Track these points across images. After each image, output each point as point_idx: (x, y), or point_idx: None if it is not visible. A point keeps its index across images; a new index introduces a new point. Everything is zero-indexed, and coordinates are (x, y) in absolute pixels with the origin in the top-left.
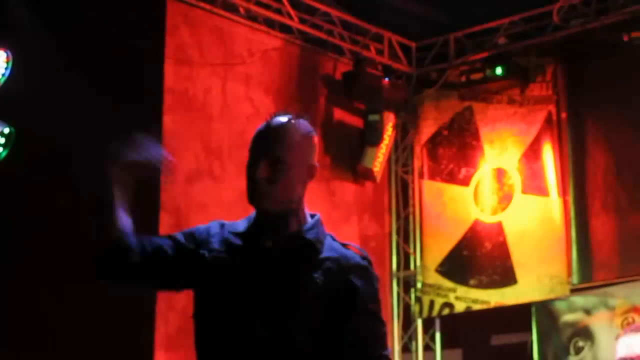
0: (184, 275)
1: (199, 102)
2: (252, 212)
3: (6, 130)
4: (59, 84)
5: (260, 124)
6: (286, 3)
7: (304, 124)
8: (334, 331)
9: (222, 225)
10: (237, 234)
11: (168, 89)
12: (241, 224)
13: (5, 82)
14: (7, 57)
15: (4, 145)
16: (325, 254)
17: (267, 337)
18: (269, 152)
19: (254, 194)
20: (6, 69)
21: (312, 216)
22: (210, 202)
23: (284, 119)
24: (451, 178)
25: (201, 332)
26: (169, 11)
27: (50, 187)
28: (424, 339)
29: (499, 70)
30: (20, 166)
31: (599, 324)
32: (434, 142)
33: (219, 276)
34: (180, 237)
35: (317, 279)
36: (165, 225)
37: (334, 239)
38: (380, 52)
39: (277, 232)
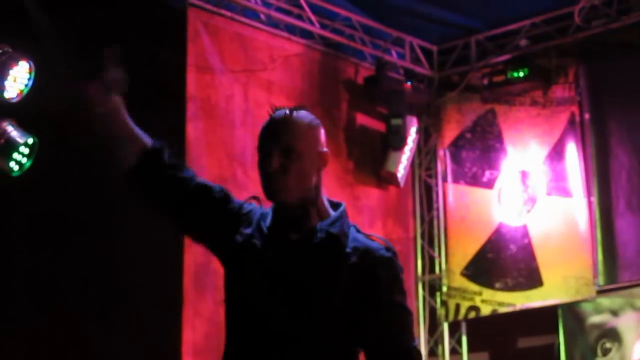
0: (207, 226)
1: (222, 109)
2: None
3: (30, 141)
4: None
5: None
6: (307, 9)
7: (306, 114)
8: (360, 324)
9: (259, 214)
10: (266, 227)
11: (190, 96)
12: (269, 216)
13: (28, 92)
14: (30, 67)
15: (28, 156)
16: (350, 247)
17: (292, 330)
18: (279, 143)
19: (270, 187)
20: (29, 79)
21: (335, 205)
22: None
23: (286, 111)
24: (475, 181)
25: (230, 320)
26: (190, 19)
27: (74, 196)
28: (450, 342)
29: (521, 72)
30: (43, 176)
31: (626, 325)
32: (457, 145)
33: (247, 265)
34: (226, 194)
35: (344, 273)
36: None
37: (358, 230)
38: (401, 56)
39: (300, 224)
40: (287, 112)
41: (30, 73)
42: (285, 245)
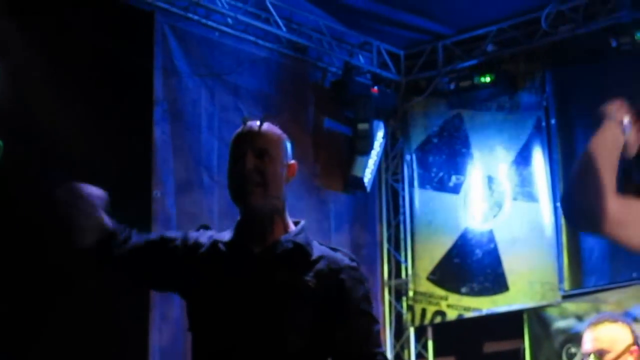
0: (170, 277)
1: (188, 113)
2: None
3: None
4: (48, 97)
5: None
6: (274, 13)
7: (275, 126)
8: (326, 331)
9: (209, 235)
10: (224, 243)
11: (157, 99)
12: (227, 234)
13: None
14: None
15: None
16: (315, 255)
17: (260, 341)
18: (253, 147)
19: (244, 188)
20: None
21: (296, 224)
22: (201, 212)
23: (257, 121)
24: (441, 186)
25: (198, 341)
26: (157, 22)
27: (39, 200)
28: (416, 347)
29: (487, 78)
30: (7, 179)
31: None
32: (423, 150)
33: (209, 285)
34: (171, 238)
35: (309, 281)
36: None
37: (321, 244)
38: (369, 60)
39: (264, 236)
40: (258, 121)
41: None
42: (247, 259)
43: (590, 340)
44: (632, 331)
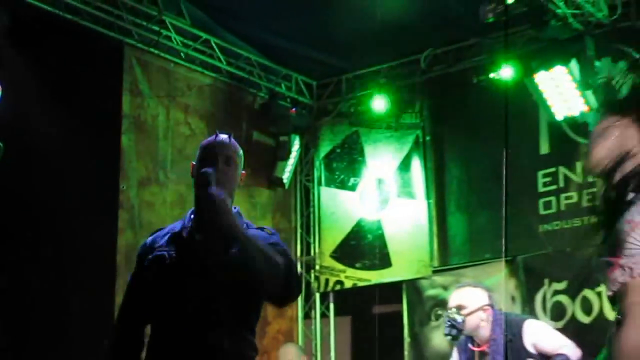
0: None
1: (149, 126)
2: (187, 212)
3: None
4: (39, 109)
5: (196, 142)
6: (217, 49)
7: (237, 143)
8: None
9: (154, 239)
10: (174, 233)
11: (124, 115)
12: (178, 224)
13: None
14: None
15: None
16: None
17: (213, 299)
18: (223, 153)
19: (209, 179)
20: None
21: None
22: (157, 202)
23: (226, 135)
24: (343, 185)
25: (158, 317)
26: (126, 54)
27: (21, 191)
28: (320, 308)
29: (379, 104)
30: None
31: None
32: (329, 157)
33: (164, 270)
34: (135, 283)
35: (234, 252)
36: (123, 219)
37: (249, 226)
38: (289, 88)
39: (213, 219)
40: (227, 136)
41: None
42: (192, 244)
43: (454, 298)
44: (489, 296)
